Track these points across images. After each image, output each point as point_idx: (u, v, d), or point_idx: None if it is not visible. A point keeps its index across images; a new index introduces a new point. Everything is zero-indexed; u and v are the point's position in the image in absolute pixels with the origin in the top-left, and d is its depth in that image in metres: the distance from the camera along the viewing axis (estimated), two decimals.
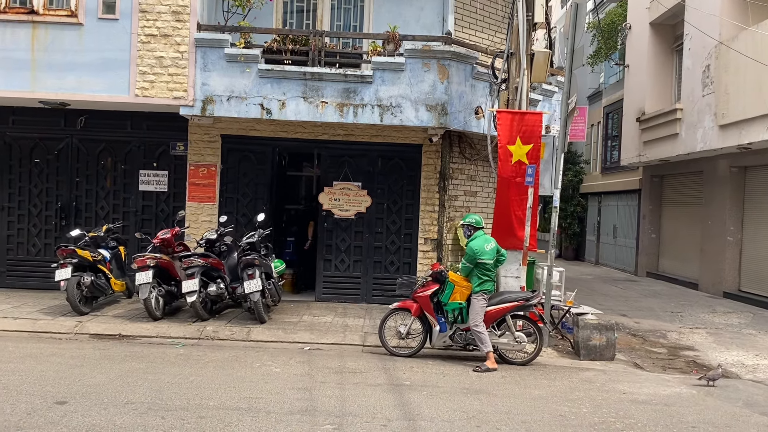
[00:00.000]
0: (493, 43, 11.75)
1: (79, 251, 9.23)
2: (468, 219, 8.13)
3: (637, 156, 18.46)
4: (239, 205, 11.29)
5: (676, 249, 17.96)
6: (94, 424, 5.14)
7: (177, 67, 9.96)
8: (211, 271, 9.40)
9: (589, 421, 5.83)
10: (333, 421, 5.50)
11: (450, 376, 7.28)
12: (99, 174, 11.47)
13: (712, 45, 14.02)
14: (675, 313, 12.60)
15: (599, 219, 23.80)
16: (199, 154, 11.15)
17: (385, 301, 10.25)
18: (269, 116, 9.99)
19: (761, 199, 14.12)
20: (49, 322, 8.82)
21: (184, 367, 7.08)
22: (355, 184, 11.27)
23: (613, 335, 8.54)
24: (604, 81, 23.98)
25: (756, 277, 14.13)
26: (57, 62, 9.88)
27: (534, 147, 8.88)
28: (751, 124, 12.60)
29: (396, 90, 10.02)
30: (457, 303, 7.90)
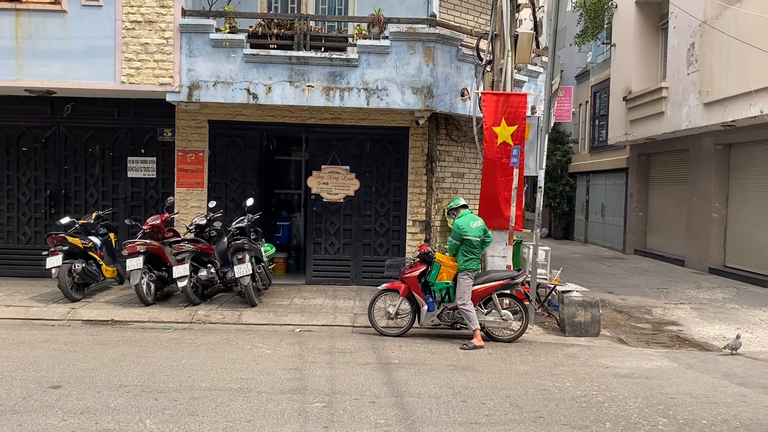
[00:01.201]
0: (478, 24, 11.79)
1: (70, 238, 9.29)
2: (452, 203, 8.31)
3: (624, 135, 18.60)
4: (228, 190, 11.35)
5: (663, 226, 18.18)
6: (89, 407, 5.26)
7: (162, 53, 9.96)
8: (201, 256, 9.49)
9: (572, 394, 6.00)
10: (323, 399, 5.64)
11: (437, 353, 7.44)
12: (87, 161, 11.49)
13: (696, 23, 14.11)
14: (661, 289, 12.81)
15: (587, 198, 24.00)
16: (187, 140, 11.19)
17: (375, 282, 10.38)
18: (255, 101, 10.03)
19: (745, 176, 14.31)
20: (42, 309, 8.90)
21: (176, 350, 7.20)
22: (343, 168, 11.35)
23: (598, 312, 8.71)
24: (592, 60, 24.05)
25: (740, 252, 14.36)
26: (42, 50, 9.86)
27: (519, 128, 8.98)
28: (735, 101, 12.74)
29: (382, 73, 10.07)
30: (444, 283, 8.05)
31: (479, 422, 5.20)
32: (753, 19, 11.71)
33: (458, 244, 7.90)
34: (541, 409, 5.55)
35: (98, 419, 5.00)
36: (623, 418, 5.39)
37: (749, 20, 11.91)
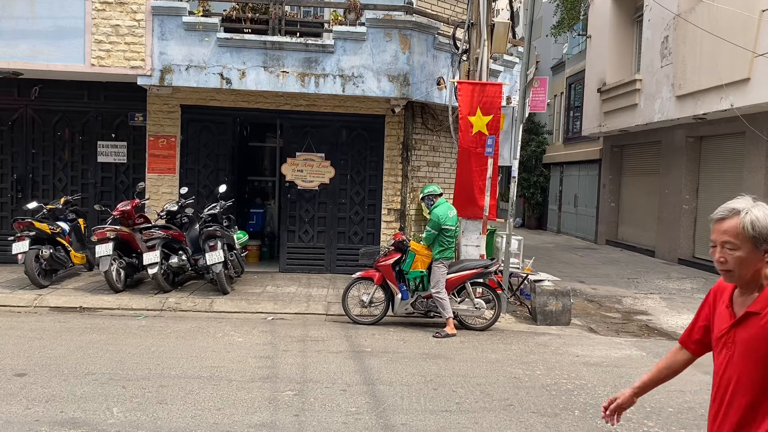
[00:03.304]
0: (455, 13, 11.75)
1: (37, 224, 9.09)
2: (427, 190, 8.24)
3: (597, 126, 18.77)
4: (200, 176, 11.20)
5: (635, 217, 18.43)
6: (54, 395, 5.17)
7: (134, 35, 9.75)
8: (172, 242, 9.37)
9: (542, 382, 6.06)
10: (294, 387, 5.61)
11: (410, 342, 7.45)
12: (56, 145, 11.25)
13: (670, 17, 14.24)
14: (631, 279, 13.00)
15: (561, 189, 24.21)
16: (159, 125, 11.00)
17: (349, 271, 10.35)
18: (229, 86, 9.89)
19: (715, 169, 14.55)
20: (7, 295, 8.71)
21: (146, 338, 7.10)
22: (318, 155, 11.27)
23: (569, 301, 8.80)
24: (568, 51, 24.19)
25: (709, 244, 14.60)
26: (8, 30, 9.58)
27: (494, 118, 8.99)
28: (706, 94, 12.91)
29: (358, 60, 9.99)
30: (418, 271, 8.06)
31: (450, 410, 5.22)
32: (725, 13, 11.86)
33: (436, 234, 7.89)
34: (511, 397, 5.59)
35: (63, 407, 4.91)
36: (592, 406, 5.46)
37: (722, 14, 12.05)
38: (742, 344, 2.19)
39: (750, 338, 2.17)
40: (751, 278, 2.20)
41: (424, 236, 8.02)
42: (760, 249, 2.14)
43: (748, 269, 2.17)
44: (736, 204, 2.19)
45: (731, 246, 2.16)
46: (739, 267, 2.17)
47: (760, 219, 2.13)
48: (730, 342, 2.24)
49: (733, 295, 2.30)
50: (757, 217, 2.13)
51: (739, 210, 2.16)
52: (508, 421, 5.05)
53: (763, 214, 2.14)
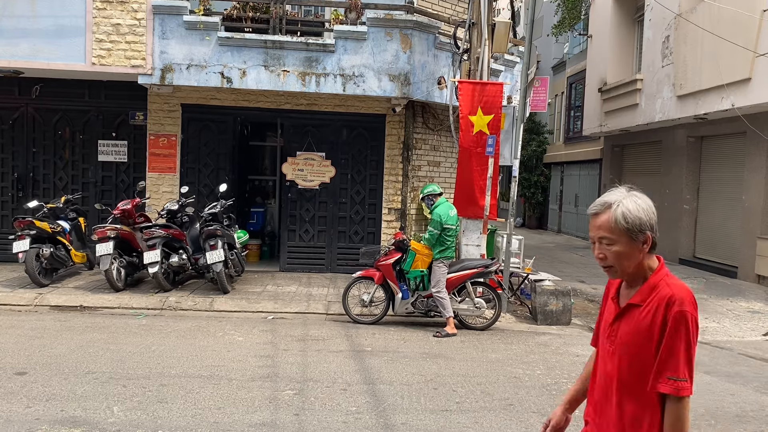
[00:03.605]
0: (456, 12, 11.74)
1: (37, 223, 9.09)
2: (427, 190, 8.24)
3: (598, 126, 18.74)
4: (201, 175, 11.20)
5: None
6: (55, 394, 5.17)
7: (134, 34, 9.75)
8: (173, 242, 9.36)
9: (542, 382, 6.06)
10: (294, 386, 5.61)
11: (411, 341, 7.45)
12: (56, 144, 11.25)
13: (671, 16, 14.22)
14: None
15: (561, 188, 24.19)
16: (159, 124, 11.00)
17: (350, 270, 10.34)
18: (230, 85, 9.89)
19: (716, 169, 14.53)
20: (8, 294, 8.71)
21: (147, 337, 7.10)
22: (318, 155, 11.27)
23: (570, 301, 8.80)
24: (568, 51, 24.17)
25: (710, 243, 14.61)
26: (9, 28, 9.58)
27: (495, 117, 8.98)
28: (707, 94, 12.89)
29: (358, 59, 9.99)
30: (418, 271, 8.05)
31: (450, 409, 5.22)
32: (726, 13, 11.84)
33: (439, 233, 7.87)
34: (511, 397, 5.59)
35: (64, 406, 4.91)
36: None
37: (723, 14, 12.04)
38: (623, 337, 2.12)
39: (629, 331, 2.10)
40: (634, 271, 2.13)
41: (426, 236, 7.99)
42: (637, 241, 2.07)
43: (628, 263, 2.10)
44: (608, 197, 2.12)
45: (608, 241, 2.10)
46: (618, 261, 2.10)
47: (632, 210, 2.07)
48: (613, 335, 2.17)
49: (620, 287, 2.24)
50: (628, 209, 2.07)
51: (610, 203, 2.10)
52: (508, 420, 5.05)
53: (635, 204, 2.08)
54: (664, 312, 2.01)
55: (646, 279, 2.12)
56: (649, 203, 2.12)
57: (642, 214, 2.07)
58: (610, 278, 2.20)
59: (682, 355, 1.99)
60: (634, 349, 2.07)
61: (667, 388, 2.00)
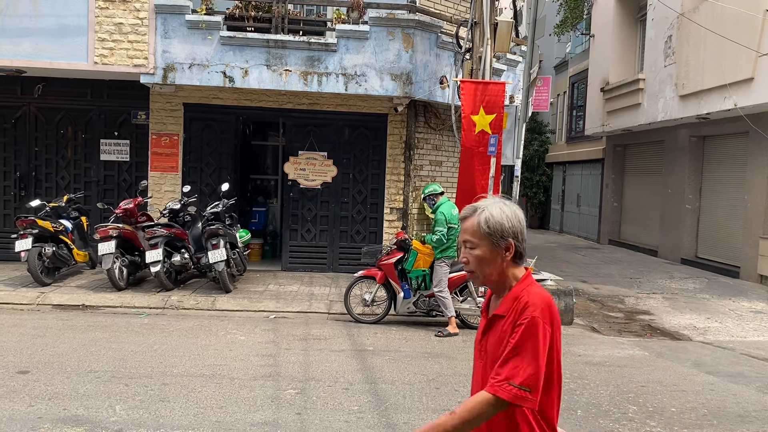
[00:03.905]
0: (458, 11, 11.73)
1: (40, 222, 9.11)
2: (428, 189, 8.23)
3: (600, 126, 18.73)
4: (203, 174, 11.21)
5: (638, 217, 18.39)
6: (57, 392, 5.17)
7: (137, 33, 9.76)
8: (175, 241, 9.37)
9: None
10: (296, 385, 5.61)
11: (412, 341, 7.45)
12: (59, 143, 11.26)
13: (674, 16, 14.21)
14: (634, 279, 12.97)
15: (564, 188, 24.18)
16: (162, 123, 11.01)
17: (352, 270, 10.35)
18: (232, 84, 9.89)
19: (718, 169, 14.51)
20: (10, 293, 8.73)
21: (149, 336, 7.11)
22: (320, 154, 11.27)
23: (572, 300, 8.79)
24: (571, 51, 24.15)
25: (712, 243, 14.59)
26: (12, 28, 9.59)
27: (497, 117, 8.96)
28: (710, 94, 12.87)
29: (361, 58, 9.98)
30: (420, 270, 8.05)
31: (452, 408, 5.21)
32: (729, 12, 11.82)
33: (445, 231, 7.86)
34: None
35: (66, 405, 4.92)
36: (594, 406, 5.45)
37: (726, 14, 12.02)
38: (489, 351, 2.07)
39: (494, 343, 2.04)
40: (498, 279, 2.10)
41: (435, 237, 7.84)
42: (498, 247, 2.06)
43: (490, 269, 2.08)
44: (478, 203, 2.12)
45: (471, 245, 2.08)
46: (479, 266, 2.08)
47: (495, 216, 2.05)
48: (483, 349, 2.12)
49: (490, 300, 2.20)
50: (491, 214, 2.05)
51: (477, 208, 2.09)
52: None
53: (499, 211, 2.06)
54: (516, 319, 1.97)
55: (511, 289, 2.08)
56: (516, 211, 2.10)
57: (505, 221, 2.05)
58: (474, 284, 2.21)
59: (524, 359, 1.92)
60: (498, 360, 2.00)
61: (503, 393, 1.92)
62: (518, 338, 1.93)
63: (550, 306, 2.00)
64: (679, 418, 5.28)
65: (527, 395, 1.92)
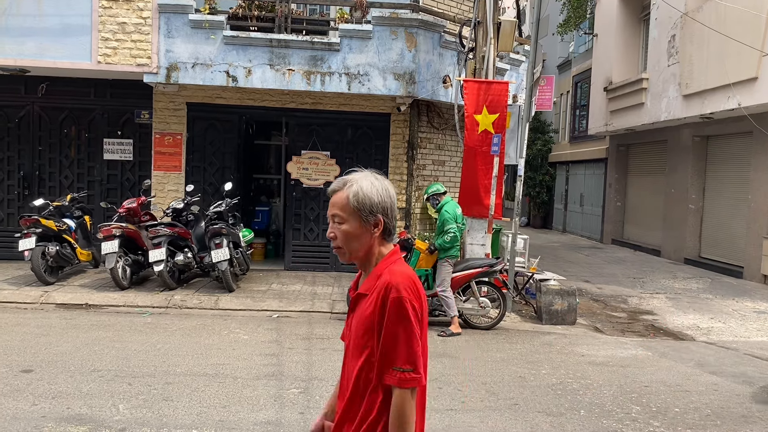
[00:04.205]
0: (461, 11, 11.72)
1: (43, 221, 9.12)
2: (431, 189, 8.22)
3: (604, 125, 18.71)
4: (206, 174, 11.22)
5: (641, 217, 18.37)
6: (61, 391, 5.18)
7: (140, 33, 9.77)
8: (178, 240, 9.38)
9: (548, 381, 6.04)
10: (299, 385, 5.61)
11: None
12: (62, 142, 11.28)
13: (677, 15, 14.18)
14: (637, 279, 12.95)
15: (567, 188, 24.15)
16: (165, 123, 11.02)
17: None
18: (235, 84, 9.90)
19: (721, 168, 14.48)
20: (14, 292, 8.75)
21: (152, 335, 7.11)
22: (323, 153, 11.27)
23: (575, 300, 8.78)
24: (574, 50, 24.11)
25: (715, 243, 14.57)
26: (15, 27, 9.61)
27: (500, 116, 8.96)
28: (714, 94, 12.85)
29: (364, 58, 9.98)
30: (423, 270, 8.05)
31: (455, 409, 5.22)
32: (733, 12, 11.80)
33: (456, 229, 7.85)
34: (516, 396, 5.58)
35: (70, 404, 4.93)
36: (597, 406, 5.44)
37: (729, 13, 11.99)
38: (354, 330, 2.01)
39: (358, 323, 1.99)
40: (365, 256, 2.03)
41: (449, 236, 7.72)
42: (367, 223, 1.99)
43: (357, 244, 2.00)
44: (348, 176, 2.03)
45: (339, 219, 2.00)
46: (346, 242, 2.00)
47: (364, 189, 1.98)
48: (348, 329, 2.06)
49: (359, 279, 2.12)
50: (361, 187, 1.98)
51: (347, 181, 2.01)
52: (513, 420, 5.04)
53: (369, 185, 1.99)
54: (382, 300, 1.90)
55: (375, 266, 2.02)
56: (388, 187, 2.03)
57: (375, 195, 1.98)
58: (341, 260, 2.07)
59: (402, 345, 1.87)
60: (362, 341, 1.95)
61: (392, 380, 1.88)
62: (390, 323, 1.88)
63: (415, 282, 1.96)
64: (682, 418, 5.27)
65: (412, 375, 1.88)
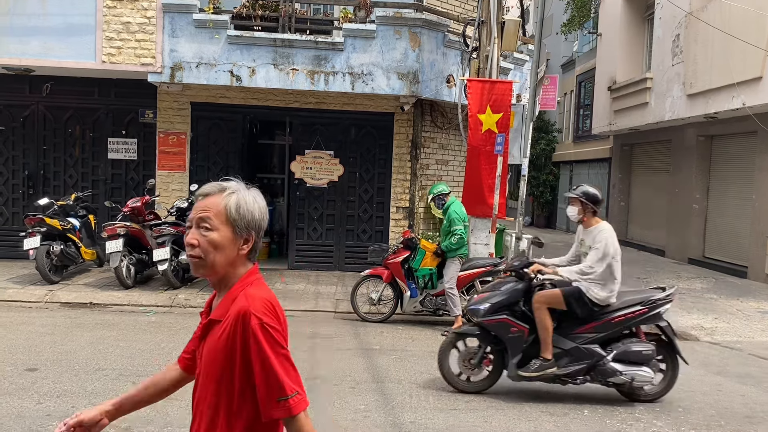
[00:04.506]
0: (465, 10, 11.72)
1: (48, 220, 9.15)
2: (436, 190, 8.22)
3: (608, 125, 18.67)
4: (210, 173, 11.22)
5: (645, 216, 18.33)
6: (65, 390, 5.20)
7: (144, 32, 9.79)
8: (182, 239, 9.37)
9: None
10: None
11: (419, 340, 7.45)
12: (67, 142, 11.31)
13: (682, 15, 14.14)
14: (641, 278, 12.91)
15: (570, 187, 24.08)
16: (169, 122, 11.04)
17: (358, 268, 10.35)
18: (239, 83, 9.91)
19: (726, 168, 14.44)
20: (19, 291, 8.78)
21: (156, 334, 7.14)
22: (327, 153, 11.28)
23: None
24: (578, 49, 24.08)
25: (719, 243, 14.52)
26: (20, 27, 9.64)
27: (504, 116, 8.96)
28: (718, 93, 12.81)
29: (367, 58, 9.99)
30: (427, 269, 8.06)
31: (458, 408, 5.22)
32: (737, 11, 11.76)
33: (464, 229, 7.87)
34: (520, 396, 5.58)
35: (75, 403, 4.95)
36: (601, 405, 5.44)
37: (734, 12, 11.96)
38: (206, 357, 1.86)
39: (211, 350, 1.84)
40: (224, 274, 1.88)
41: (456, 238, 7.76)
42: (238, 237, 1.85)
43: (221, 258, 1.84)
44: (226, 183, 1.90)
45: (209, 225, 1.82)
46: (211, 253, 1.82)
47: (248, 203, 1.87)
48: (200, 356, 1.91)
49: (213, 300, 1.97)
50: (245, 200, 1.87)
51: (227, 188, 1.88)
52: (517, 419, 5.04)
53: (252, 199, 1.89)
54: (241, 330, 1.77)
55: (231, 288, 1.88)
56: (265, 205, 1.94)
57: (256, 211, 1.89)
58: (193, 272, 1.90)
59: (280, 373, 1.76)
60: (217, 372, 1.82)
61: (281, 413, 1.77)
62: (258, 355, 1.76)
63: (273, 304, 1.86)
64: (686, 418, 5.26)
65: (302, 397, 1.80)
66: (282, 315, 1.89)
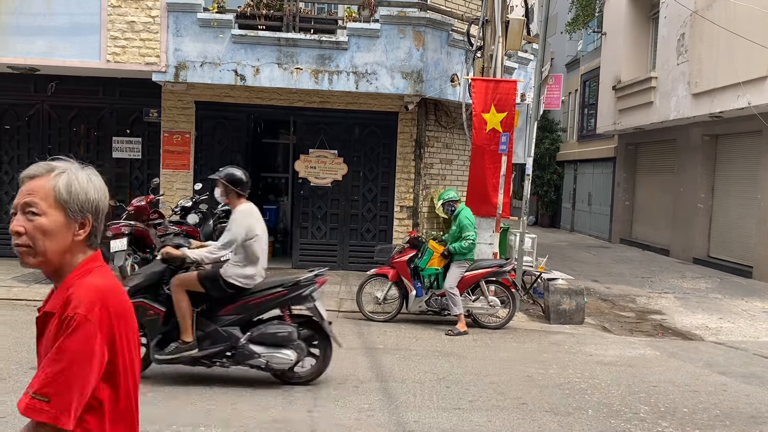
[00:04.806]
0: (469, 9, 11.69)
1: None
2: (447, 196, 8.20)
3: (612, 124, 18.64)
4: (214, 172, 11.21)
5: (649, 216, 18.29)
6: None
7: (149, 32, 9.81)
8: (186, 238, 9.39)
9: (555, 381, 6.03)
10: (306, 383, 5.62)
11: (423, 339, 7.45)
12: (71, 141, 11.33)
13: (687, 14, 14.10)
14: (645, 278, 12.90)
15: (575, 187, 24.08)
16: (173, 121, 11.05)
17: (361, 268, 10.35)
18: (243, 82, 9.92)
19: (731, 167, 14.40)
20: (24, 289, 8.81)
21: None
22: (331, 152, 11.28)
23: (583, 300, 8.76)
24: (582, 49, 24.03)
25: (724, 243, 14.49)
26: (25, 26, 9.66)
27: (508, 115, 8.95)
28: (723, 92, 12.78)
29: (371, 57, 9.98)
30: (433, 269, 8.06)
31: (463, 408, 5.21)
32: (743, 10, 11.72)
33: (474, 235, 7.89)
34: (524, 396, 5.57)
35: None
36: (605, 406, 5.43)
37: (739, 11, 11.92)
38: (42, 355, 1.68)
39: (45, 347, 1.66)
40: (59, 263, 1.68)
41: (467, 243, 7.78)
42: (72, 220, 1.67)
43: (53, 246, 1.65)
44: (56, 163, 1.72)
45: (36, 210, 1.64)
46: (40, 240, 1.63)
47: (80, 181, 1.69)
48: (39, 354, 1.72)
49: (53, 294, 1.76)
50: (77, 179, 1.69)
51: (56, 168, 1.70)
52: (521, 419, 5.04)
53: (86, 178, 1.71)
54: (60, 320, 1.60)
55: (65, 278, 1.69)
56: (103, 184, 1.76)
57: (91, 191, 1.70)
58: (23, 263, 1.69)
59: (54, 368, 1.55)
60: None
61: (20, 404, 1.55)
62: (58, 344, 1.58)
63: (106, 295, 1.64)
64: (691, 418, 5.25)
65: (43, 406, 1.54)
66: (118, 307, 1.67)
